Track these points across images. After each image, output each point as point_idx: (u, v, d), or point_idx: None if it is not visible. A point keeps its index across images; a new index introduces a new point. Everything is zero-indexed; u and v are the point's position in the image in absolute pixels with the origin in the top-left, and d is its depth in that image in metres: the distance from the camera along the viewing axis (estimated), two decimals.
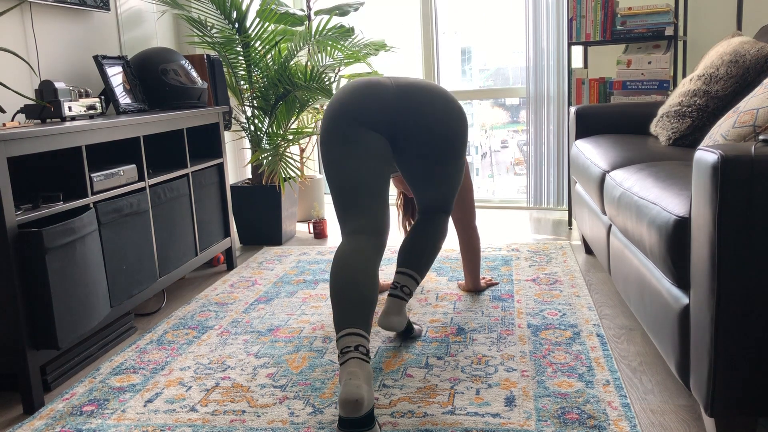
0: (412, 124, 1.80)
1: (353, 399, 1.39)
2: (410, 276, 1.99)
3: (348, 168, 1.74)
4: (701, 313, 1.31)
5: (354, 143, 1.75)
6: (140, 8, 3.17)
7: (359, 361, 1.48)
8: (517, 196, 4.40)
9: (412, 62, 4.30)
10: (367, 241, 1.70)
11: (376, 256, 1.69)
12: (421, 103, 1.81)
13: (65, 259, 1.82)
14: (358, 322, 1.54)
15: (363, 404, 1.40)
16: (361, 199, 1.74)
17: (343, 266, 1.64)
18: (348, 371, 1.45)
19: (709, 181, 1.24)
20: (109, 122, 2.13)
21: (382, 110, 1.78)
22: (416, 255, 1.99)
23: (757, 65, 2.28)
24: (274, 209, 3.44)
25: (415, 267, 1.99)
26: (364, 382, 1.44)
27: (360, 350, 1.50)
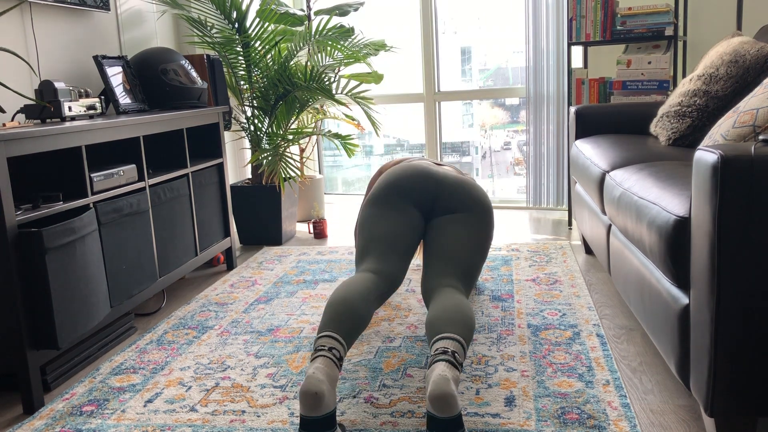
0: (448, 196, 2.02)
1: (312, 392, 1.40)
2: (454, 339, 1.52)
3: (385, 224, 1.95)
4: (701, 313, 1.31)
5: (396, 209, 1.99)
6: (140, 8, 3.17)
7: (327, 360, 1.49)
8: (516, 196, 4.40)
9: (412, 62, 4.31)
10: (375, 280, 1.78)
11: (377, 291, 1.76)
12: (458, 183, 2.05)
13: (65, 259, 1.82)
14: (339, 330, 1.58)
15: (323, 399, 1.40)
16: (384, 249, 1.89)
17: (342, 286, 1.73)
18: (314, 366, 1.46)
19: (709, 181, 1.24)
20: (109, 122, 2.13)
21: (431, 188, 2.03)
22: (450, 317, 1.61)
23: (757, 65, 2.28)
24: (274, 209, 3.44)
25: (455, 329, 1.56)
26: (326, 379, 1.44)
27: (333, 352, 1.52)
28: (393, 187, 2.02)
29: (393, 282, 1.84)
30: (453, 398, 1.37)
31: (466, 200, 2.01)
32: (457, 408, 1.38)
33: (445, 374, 1.40)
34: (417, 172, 2.04)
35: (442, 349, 1.48)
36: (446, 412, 1.37)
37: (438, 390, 1.37)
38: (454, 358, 1.47)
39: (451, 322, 1.57)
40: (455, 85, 4.46)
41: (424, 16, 4.15)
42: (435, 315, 1.62)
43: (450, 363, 1.45)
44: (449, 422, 1.37)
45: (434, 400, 1.37)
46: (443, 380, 1.38)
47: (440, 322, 1.58)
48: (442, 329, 1.55)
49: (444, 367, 1.43)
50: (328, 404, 1.43)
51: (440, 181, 2.03)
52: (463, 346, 1.52)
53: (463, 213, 1.99)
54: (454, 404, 1.37)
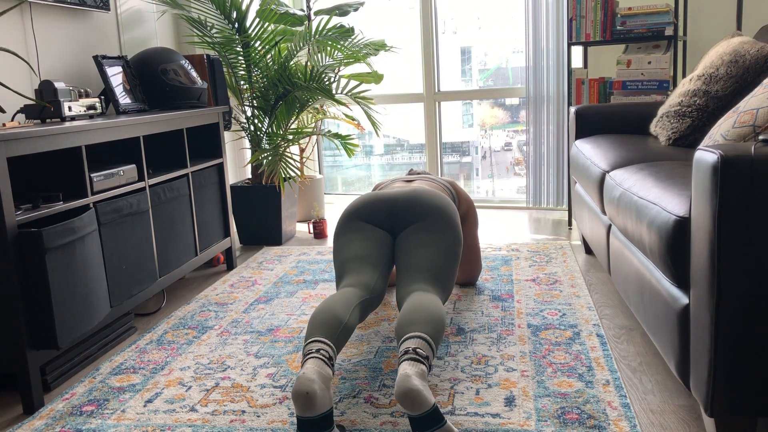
0: (402, 211, 2.07)
1: (303, 392, 1.41)
2: (415, 337, 1.55)
3: (352, 246, 2.00)
4: (701, 313, 1.31)
5: (360, 231, 2.05)
6: (140, 8, 3.17)
7: (317, 360, 1.50)
8: (516, 196, 4.40)
9: (412, 62, 4.31)
10: (355, 291, 1.82)
11: (358, 300, 1.79)
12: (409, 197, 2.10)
13: (65, 259, 1.82)
14: (325, 335, 1.60)
15: (315, 398, 1.41)
16: (357, 265, 1.93)
17: (323, 301, 1.76)
18: (304, 368, 1.48)
19: (709, 181, 1.24)
20: (109, 122, 2.13)
21: (385, 209, 2.09)
22: (411, 318, 1.63)
23: (757, 65, 2.28)
24: (274, 209, 3.44)
25: (416, 328, 1.59)
26: (318, 378, 1.45)
27: (321, 353, 1.53)
28: (350, 217, 2.10)
29: (372, 291, 1.86)
30: (417, 393, 1.38)
31: (420, 210, 2.04)
32: (426, 402, 1.39)
33: (405, 372, 1.42)
34: (368, 199, 2.13)
35: (404, 350, 1.51)
36: (417, 408, 1.39)
37: (400, 388, 1.39)
38: (416, 353, 1.49)
39: (412, 322, 1.60)
40: (455, 85, 4.46)
41: (424, 16, 4.15)
42: (398, 321, 1.64)
43: (411, 360, 1.47)
44: (425, 418, 1.39)
45: (400, 399, 1.39)
46: (404, 378, 1.40)
47: (403, 324, 1.61)
48: (404, 331, 1.59)
49: (405, 366, 1.45)
50: (323, 404, 1.43)
51: (391, 200, 2.09)
52: (425, 340, 1.55)
53: (420, 222, 2.02)
54: (421, 399, 1.38)
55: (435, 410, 1.39)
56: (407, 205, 2.06)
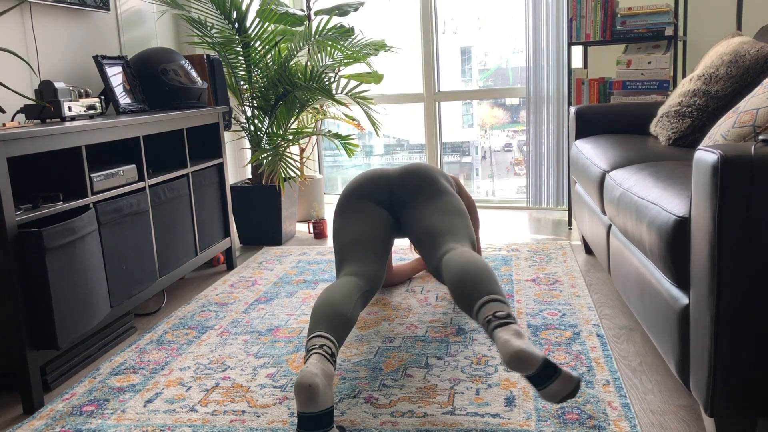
0: (400, 185, 2.16)
1: (306, 384, 1.41)
2: (489, 301, 1.57)
3: (352, 228, 2.04)
4: (701, 313, 1.31)
5: (359, 212, 2.10)
6: (140, 8, 3.17)
7: (320, 356, 1.51)
8: (516, 196, 4.40)
9: (412, 62, 4.31)
10: (356, 282, 1.84)
11: (359, 291, 1.81)
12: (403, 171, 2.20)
13: (65, 259, 1.82)
14: (328, 330, 1.61)
15: (317, 392, 1.41)
16: (359, 251, 1.96)
17: (324, 292, 1.78)
18: (307, 363, 1.49)
19: (709, 181, 1.24)
20: (109, 122, 2.13)
21: (383, 185, 2.17)
22: (470, 280, 1.63)
23: (757, 65, 2.28)
24: (274, 209, 3.44)
25: (482, 290, 1.59)
26: (321, 373, 1.45)
27: (324, 349, 1.54)
28: (350, 195, 2.16)
29: (374, 280, 1.89)
30: (523, 352, 1.41)
31: (415, 181, 2.14)
32: (536, 358, 1.41)
33: (503, 338, 1.45)
34: (366, 176, 2.21)
35: (486, 319, 1.53)
36: (530, 366, 1.41)
37: (506, 356, 1.42)
38: (499, 318, 1.51)
39: (472, 287, 1.61)
40: (455, 85, 4.46)
41: (424, 16, 4.15)
42: (456, 290, 1.66)
43: (501, 326, 1.49)
44: (541, 373, 1.41)
45: (512, 365, 1.41)
46: (505, 344, 1.43)
47: (464, 294, 1.62)
48: (471, 300, 1.60)
49: (500, 333, 1.47)
50: (324, 399, 1.43)
51: (388, 175, 2.19)
52: (497, 300, 1.57)
53: (420, 193, 2.11)
54: (529, 357, 1.40)
55: (547, 363, 1.41)
56: (405, 180, 2.15)
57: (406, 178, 2.16)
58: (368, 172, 2.24)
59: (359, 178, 2.22)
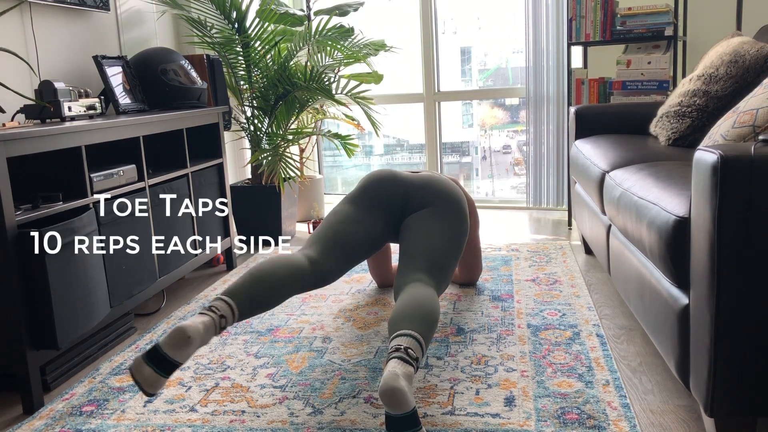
0: (415, 194, 2.10)
1: (186, 335, 1.51)
2: (408, 336, 1.54)
3: (344, 221, 2.02)
4: (701, 313, 1.31)
5: (362, 212, 2.06)
6: (140, 8, 3.17)
7: (212, 321, 1.59)
8: (516, 196, 4.40)
9: (412, 62, 4.31)
10: (307, 269, 1.85)
11: (302, 281, 1.82)
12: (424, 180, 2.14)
13: (65, 259, 1.82)
14: (241, 302, 1.67)
15: (190, 345, 1.51)
16: (331, 244, 1.95)
17: (271, 261, 1.81)
18: (199, 319, 1.57)
19: (709, 181, 1.24)
20: (109, 122, 2.13)
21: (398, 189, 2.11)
22: (407, 313, 1.62)
23: (757, 65, 2.28)
24: (273, 209, 3.44)
25: (410, 325, 1.57)
26: (202, 331, 1.54)
27: (222, 320, 1.61)
28: (367, 191, 2.11)
29: (324, 278, 1.89)
30: (401, 393, 1.37)
31: (431, 195, 2.07)
32: (408, 404, 1.38)
33: (394, 370, 1.42)
34: (386, 177, 2.14)
35: (395, 347, 1.50)
36: (397, 408, 1.38)
37: (385, 385, 1.38)
38: (407, 353, 1.48)
39: (408, 318, 1.59)
40: (455, 86, 4.46)
41: (424, 16, 4.15)
42: (394, 313, 1.64)
43: (401, 359, 1.46)
44: (403, 419, 1.38)
45: (383, 396, 1.38)
46: (391, 376, 1.40)
47: (397, 319, 1.60)
48: (398, 326, 1.57)
49: (394, 364, 1.44)
50: (186, 354, 1.52)
51: (406, 182, 2.12)
52: (417, 340, 1.53)
53: (430, 207, 2.05)
54: (403, 400, 1.37)
55: (414, 413, 1.38)
56: (423, 189, 2.09)
57: (426, 188, 2.09)
58: (386, 173, 2.16)
59: (377, 176, 2.14)
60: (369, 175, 2.18)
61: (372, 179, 2.14)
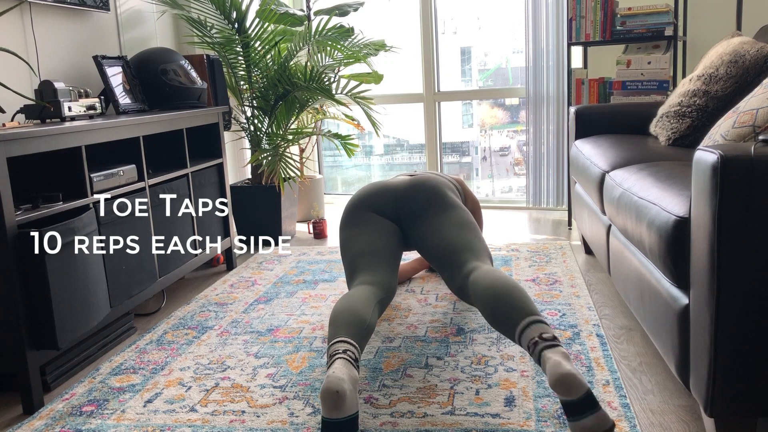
0: (407, 199, 2.10)
1: (334, 390, 1.39)
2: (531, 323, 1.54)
3: (362, 239, 2.01)
4: (701, 313, 1.31)
5: (367, 223, 2.07)
6: (140, 8, 3.17)
7: (345, 361, 1.49)
8: (516, 196, 4.40)
9: (412, 62, 4.31)
10: (372, 290, 1.82)
11: (376, 299, 1.79)
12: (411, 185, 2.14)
13: (65, 259, 1.82)
14: (349, 335, 1.59)
15: (344, 398, 1.40)
16: (370, 261, 1.94)
17: (342, 299, 1.75)
18: (332, 368, 1.46)
19: (709, 181, 1.24)
20: (109, 122, 2.13)
21: (389, 198, 2.12)
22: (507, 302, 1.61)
23: (757, 65, 2.28)
24: (273, 209, 3.44)
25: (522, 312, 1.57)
26: (347, 378, 1.43)
27: (348, 354, 1.51)
28: (356, 208, 2.12)
29: (389, 289, 1.87)
30: (572, 376, 1.38)
31: (423, 194, 2.08)
32: (582, 385, 1.38)
33: (553, 359, 1.42)
34: (372, 189, 2.15)
35: (532, 341, 1.50)
36: (574, 392, 1.38)
37: (555, 376, 1.38)
38: (546, 339, 1.49)
39: (510, 309, 1.58)
40: (455, 86, 4.46)
41: (424, 16, 4.15)
42: (492, 312, 1.62)
43: (549, 347, 1.47)
44: (581, 402, 1.38)
45: (558, 386, 1.38)
46: (556, 365, 1.40)
47: (503, 317, 1.59)
48: (512, 323, 1.56)
49: (549, 354, 1.44)
50: (351, 405, 1.41)
51: (394, 189, 2.13)
52: (538, 321, 1.54)
53: (429, 207, 2.06)
54: (576, 382, 1.38)
55: (590, 394, 1.39)
56: (409, 194, 2.10)
57: (413, 191, 2.10)
58: (373, 186, 2.18)
59: (364, 191, 2.16)
60: (354, 196, 2.17)
61: (361, 196, 2.15)
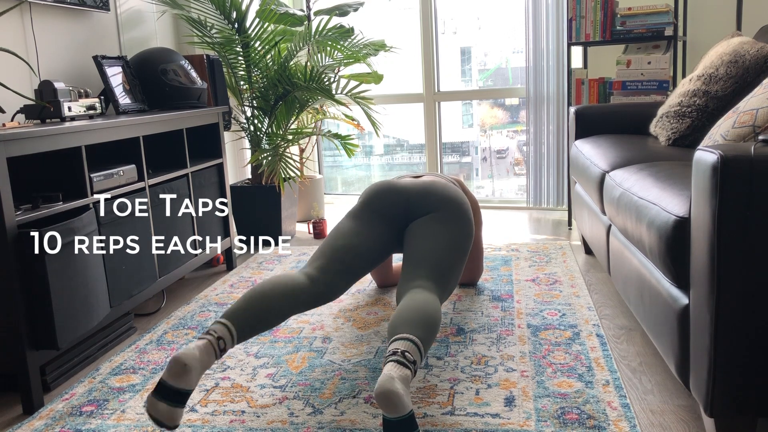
0: (417, 201, 2.08)
1: (182, 362, 1.50)
2: (406, 339, 1.53)
3: (346, 237, 2.00)
4: (701, 313, 1.31)
5: (365, 227, 2.04)
6: (140, 8, 3.17)
7: (210, 345, 1.58)
8: (516, 196, 4.40)
9: (412, 62, 4.31)
10: (308, 288, 1.83)
11: (304, 298, 1.81)
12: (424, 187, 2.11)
13: (65, 259, 1.82)
14: (239, 324, 1.66)
15: (189, 373, 1.50)
16: (333, 261, 1.92)
17: (271, 280, 1.80)
18: (196, 343, 1.57)
19: (709, 181, 1.24)
20: (109, 122, 2.13)
21: (399, 198, 2.09)
22: (407, 317, 1.61)
23: (757, 65, 2.28)
24: (273, 209, 3.44)
25: (409, 329, 1.56)
26: (200, 358, 1.54)
27: (220, 342, 1.60)
28: (367, 205, 2.10)
29: (326, 296, 1.87)
30: (396, 396, 1.36)
31: (433, 201, 2.05)
32: (404, 407, 1.37)
33: (390, 373, 1.41)
34: (385, 189, 2.13)
35: (393, 350, 1.50)
36: (393, 411, 1.37)
37: (380, 388, 1.37)
38: (404, 357, 1.47)
39: (406, 322, 1.58)
40: (455, 86, 4.46)
41: (424, 16, 4.15)
42: (393, 318, 1.63)
43: (398, 362, 1.46)
44: (399, 423, 1.36)
45: (378, 399, 1.37)
46: (387, 379, 1.40)
47: (396, 323, 1.59)
48: (396, 331, 1.57)
49: (391, 367, 1.44)
50: (190, 381, 1.51)
51: (407, 191, 2.10)
52: (415, 344, 1.52)
53: (433, 213, 2.03)
54: (398, 402, 1.36)
55: (411, 417, 1.37)
56: (423, 195, 2.07)
57: (427, 193, 2.07)
58: (385, 184, 2.14)
59: (376, 189, 2.14)
60: (369, 189, 2.17)
61: (372, 192, 2.14)
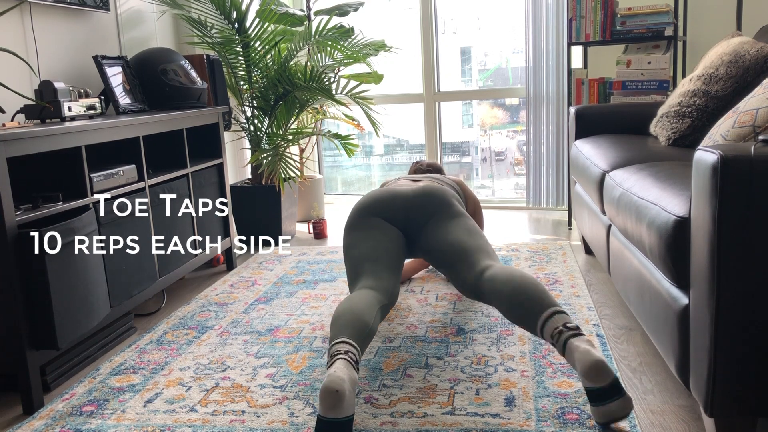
0: (417, 207, 2.10)
1: (333, 389, 1.40)
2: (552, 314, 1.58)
3: (367, 243, 2.00)
4: (701, 313, 1.31)
5: (373, 228, 2.06)
6: (140, 8, 3.17)
7: (346, 362, 1.49)
8: (516, 196, 4.40)
9: (412, 62, 4.31)
10: (374, 294, 1.81)
11: (378, 304, 1.78)
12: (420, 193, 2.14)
13: (65, 259, 1.82)
14: (351, 336, 1.59)
15: (343, 398, 1.40)
16: (373, 266, 1.92)
17: (344, 302, 1.74)
18: (333, 367, 1.46)
19: (709, 181, 1.24)
20: (109, 122, 2.13)
21: (399, 205, 2.11)
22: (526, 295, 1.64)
23: (757, 65, 2.28)
24: (273, 209, 3.44)
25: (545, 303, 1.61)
26: (347, 379, 1.43)
27: (349, 355, 1.51)
28: (363, 211, 2.11)
29: (391, 295, 1.86)
30: (603, 364, 1.44)
31: (432, 207, 2.09)
32: (610, 373, 1.44)
33: (582, 347, 1.46)
34: (381, 195, 2.14)
35: (557, 330, 1.54)
36: (604, 378, 1.44)
37: (586, 363, 1.43)
38: (570, 329, 1.53)
39: (531, 302, 1.62)
40: (455, 86, 4.46)
41: (424, 16, 4.15)
42: (510, 303, 1.66)
43: (575, 336, 1.51)
44: (609, 389, 1.44)
45: (589, 373, 1.43)
46: (586, 353, 1.45)
47: (522, 306, 1.63)
48: (533, 316, 1.60)
49: (576, 343, 1.49)
50: (348, 406, 1.42)
51: (405, 198, 2.12)
52: (561, 311, 1.59)
53: (440, 213, 2.08)
54: (607, 369, 1.44)
55: (617, 381, 1.45)
56: (420, 203, 2.10)
57: (424, 199, 2.10)
58: (382, 192, 2.17)
59: (372, 196, 2.15)
60: (366, 197, 2.16)
61: (370, 200, 2.13)
